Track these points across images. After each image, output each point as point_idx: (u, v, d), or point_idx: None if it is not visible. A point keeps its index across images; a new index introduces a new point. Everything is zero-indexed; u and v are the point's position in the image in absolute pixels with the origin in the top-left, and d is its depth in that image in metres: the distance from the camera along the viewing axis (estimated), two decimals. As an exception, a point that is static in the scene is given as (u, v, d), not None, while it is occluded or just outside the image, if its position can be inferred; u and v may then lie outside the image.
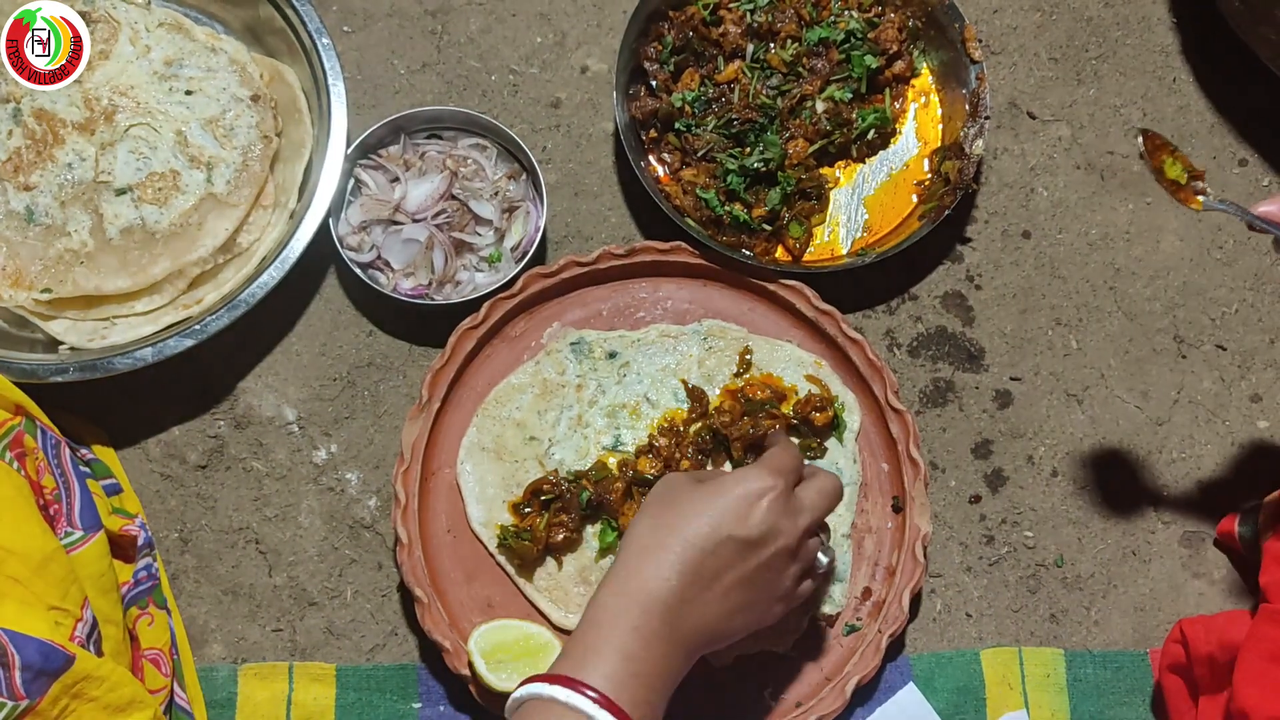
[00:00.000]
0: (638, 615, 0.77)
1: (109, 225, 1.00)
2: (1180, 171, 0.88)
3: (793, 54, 1.08)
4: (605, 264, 1.03)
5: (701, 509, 0.80)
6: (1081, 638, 1.00)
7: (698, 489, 0.82)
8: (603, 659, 0.75)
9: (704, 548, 0.79)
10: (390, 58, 1.12)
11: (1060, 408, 1.06)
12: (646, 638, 0.76)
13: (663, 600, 0.77)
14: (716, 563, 0.79)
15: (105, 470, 0.98)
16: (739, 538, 0.79)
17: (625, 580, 0.79)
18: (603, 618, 0.77)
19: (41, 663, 0.76)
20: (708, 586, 0.79)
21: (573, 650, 0.77)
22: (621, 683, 0.74)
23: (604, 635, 0.76)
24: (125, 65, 1.04)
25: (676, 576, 0.78)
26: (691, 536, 0.79)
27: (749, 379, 1.02)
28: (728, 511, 0.80)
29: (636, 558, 0.79)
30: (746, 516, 0.80)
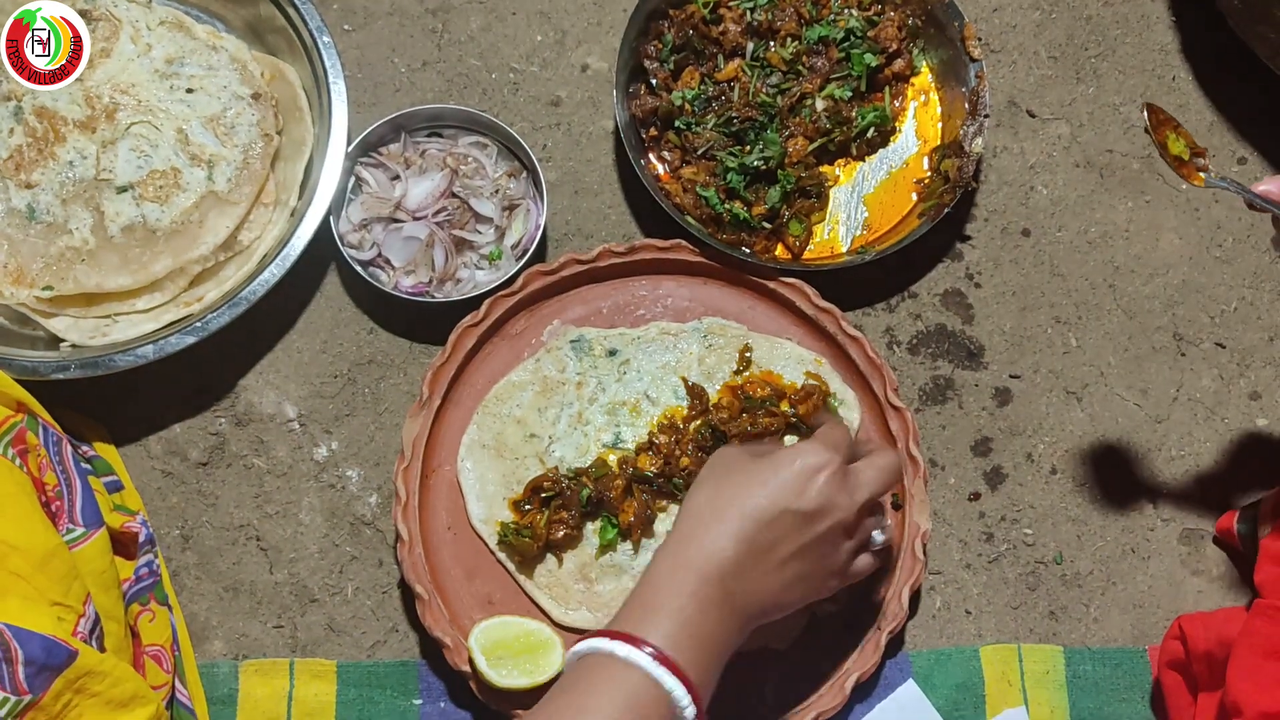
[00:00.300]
0: (695, 581, 0.78)
1: (110, 223, 1.00)
2: (1183, 148, 0.88)
3: (792, 52, 1.08)
4: (605, 262, 1.03)
5: (760, 482, 0.81)
6: (1081, 635, 1.00)
7: (755, 462, 0.83)
8: (661, 619, 0.76)
9: (761, 519, 0.80)
10: (391, 56, 1.12)
11: (1060, 405, 1.06)
12: (703, 603, 0.77)
13: (720, 568, 0.78)
14: (773, 535, 0.80)
15: (107, 467, 0.98)
16: (796, 510, 0.80)
17: (684, 547, 0.80)
18: (661, 581, 0.79)
19: (44, 658, 0.76)
20: (764, 557, 0.80)
21: (630, 611, 0.78)
22: (679, 643, 0.75)
23: (662, 598, 0.78)
24: (126, 63, 1.04)
25: (733, 546, 0.79)
26: (750, 509, 0.80)
27: (749, 376, 1.02)
28: (786, 485, 0.81)
29: (695, 527, 0.81)
30: (804, 490, 0.81)
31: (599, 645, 0.76)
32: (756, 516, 0.80)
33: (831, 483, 0.82)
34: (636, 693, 0.74)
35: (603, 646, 0.75)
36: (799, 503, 0.81)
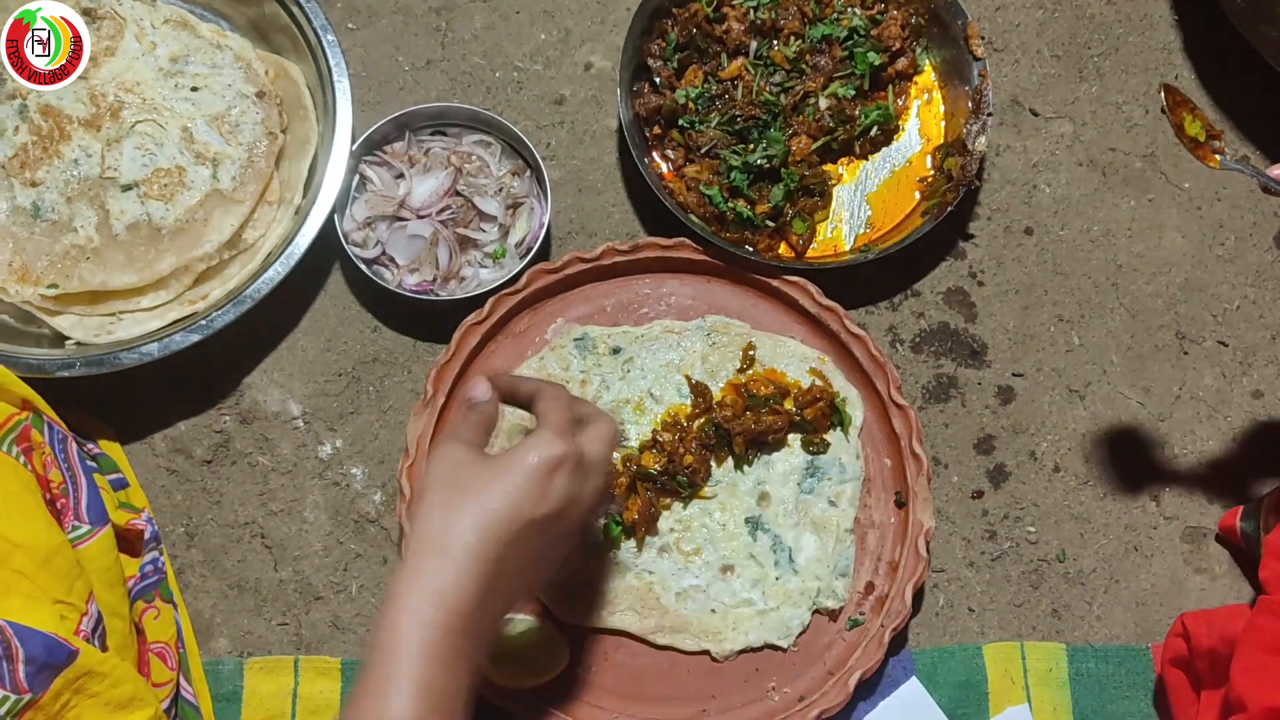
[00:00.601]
0: (437, 641, 0.68)
1: (115, 221, 1.00)
2: (1199, 129, 0.88)
3: (796, 51, 1.08)
4: (609, 260, 1.04)
5: (496, 493, 0.72)
6: (1083, 632, 1.00)
7: (487, 466, 0.74)
8: (402, 699, 0.67)
9: (504, 540, 0.72)
10: (395, 54, 1.12)
11: (1062, 403, 1.06)
12: (447, 662, 0.69)
13: (463, 614, 0.70)
14: (518, 551, 0.73)
15: (112, 465, 0.99)
16: (539, 517, 0.73)
17: (418, 592, 0.69)
18: (398, 646, 0.68)
19: (45, 657, 0.76)
20: (512, 579, 0.73)
21: (368, 687, 0.68)
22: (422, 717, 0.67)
23: (400, 668, 0.67)
24: (131, 62, 1.04)
25: (475, 581, 0.70)
26: (490, 529, 0.71)
27: (752, 374, 1.02)
28: (525, 492, 0.73)
29: (428, 558, 0.71)
30: (545, 494, 0.73)
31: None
32: (500, 537, 0.71)
33: (573, 476, 0.75)
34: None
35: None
36: (542, 508, 0.73)
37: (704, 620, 0.97)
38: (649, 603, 0.97)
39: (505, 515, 0.72)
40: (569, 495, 0.75)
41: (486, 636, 0.73)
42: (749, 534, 0.99)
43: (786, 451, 1.02)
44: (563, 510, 0.75)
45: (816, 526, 1.00)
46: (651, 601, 0.98)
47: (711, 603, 0.98)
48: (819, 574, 0.99)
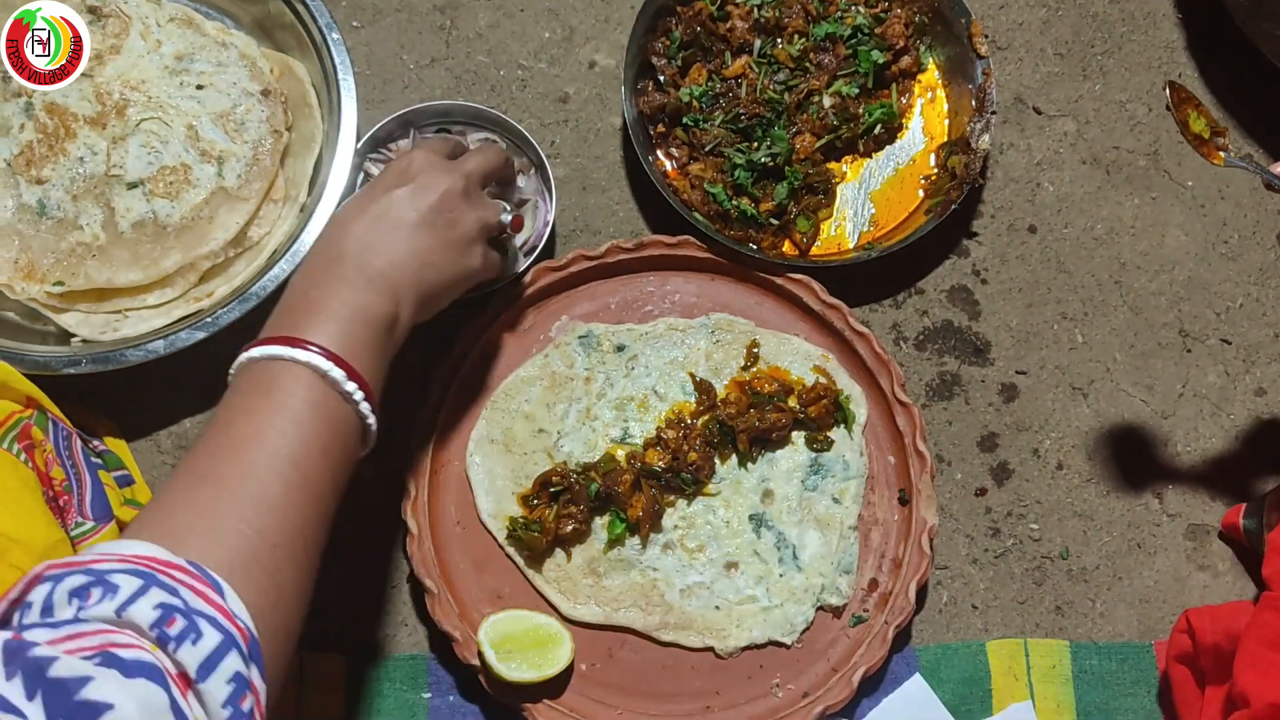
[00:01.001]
0: (334, 270, 0.80)
1: (121, 219, 1.00)
2: (1204, 126, 0.88)
3: (800, 49, 1.09)
4: (613, 258, 1.04)
5: (369, 188, 0.87)
6: (1087, 629, 1.01)
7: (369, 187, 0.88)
8: (314, 318, 0.77)
9: (374, 199, 0.85)
10: (399, 52, 1.13)
11: (1066, 401, 1.06)
12: (339, 290, 0.79)
13: (349, 250, 0.81)
14: (391, 209, 0.84)
15: (117, 462, 0.99)
16: (404, 188, 0.86)
17: (318, 247, 0.84)
18: (301, 282, 0.81)
19: None
20: (392, 230, 0.84)
21: (280, 318, 0.79)
22: (333, 335, 0.76)
23: (307, 298, 0.79)
24: (136, 60, 1.05)
25: (354, 224, 0.83)
26: (362, 199, 0.86)
27: (756, 372, 1.03)
28: (387, 177, 0.87)
29: (326, 231, 0.85)
30: (404, 172, 0.87)
31: (261, 352, 0.76)
32: (367, 197, 0.85)
33: (429, 159, 0.88)
34: (305, 387, 0.74)
35: (267, 352, 0.75)
36: (403, 180, 0.86)
37: (708, 617, 0.97)
38: (653, 599, 0.98)
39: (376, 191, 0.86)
40: (427, 172, 0.87)
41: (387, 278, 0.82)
42: (753, 531, 1.00)
43: (790, 449, 1.02)
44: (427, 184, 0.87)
45: (820, 523, 1.00)
46: (656, 598, 0.98)
47: (715, 599, 0.98)
48: (823, 571, 0.99)
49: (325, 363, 0.74)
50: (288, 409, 0.73)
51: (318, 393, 0.74)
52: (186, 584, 0.60)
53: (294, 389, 0.74)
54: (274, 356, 0.75)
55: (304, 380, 0.74)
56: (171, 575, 0.60)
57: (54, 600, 0.58)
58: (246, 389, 0.75)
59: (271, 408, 0.73)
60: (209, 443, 0.72)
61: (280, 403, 0.73)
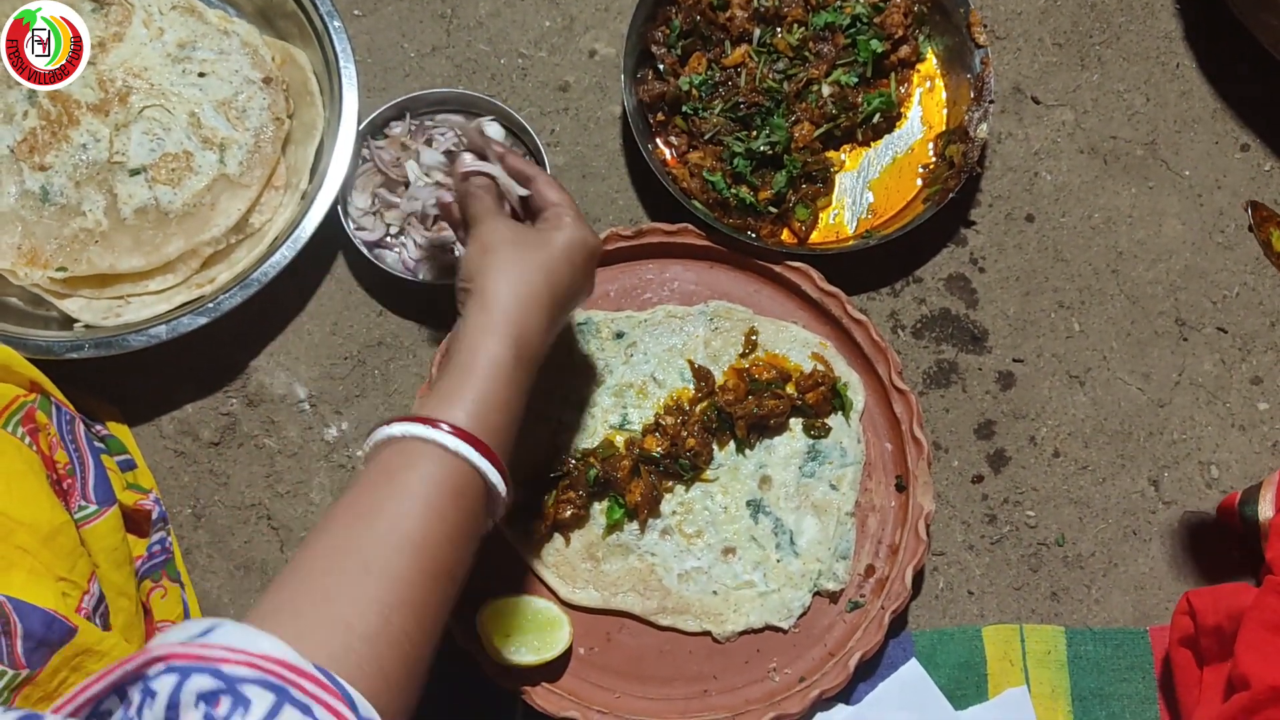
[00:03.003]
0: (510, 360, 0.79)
1: (123, 205, 1.01)
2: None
3: (799, 38, 1.09)
4: (613, 245, 1.04)
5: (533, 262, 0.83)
6: (1082, 615, 1.01)
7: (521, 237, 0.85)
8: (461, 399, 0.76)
9: (561, 306, 0.85)
10: (400, 41, 1.13)
11: (1062, 389, 1.07)
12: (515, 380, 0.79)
13: (532, 346, 0.81)
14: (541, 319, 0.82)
15: (120, 446, 0.99)
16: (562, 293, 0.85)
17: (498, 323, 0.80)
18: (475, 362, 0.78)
19: (44, 633, 0.77)
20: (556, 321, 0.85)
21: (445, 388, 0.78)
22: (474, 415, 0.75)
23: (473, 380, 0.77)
24: (139, 47, 1.05)
25: (544, 316, 0.82)
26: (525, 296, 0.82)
27: (754, 359, 1.03)
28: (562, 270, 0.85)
29: (510, 302, 0.81)
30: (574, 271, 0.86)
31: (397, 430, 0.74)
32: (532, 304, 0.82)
33: (592, 262, 0.88)
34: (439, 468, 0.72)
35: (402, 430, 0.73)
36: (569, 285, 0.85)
37: (705, 602, 0.98)
38: (651, 584, 0.98)
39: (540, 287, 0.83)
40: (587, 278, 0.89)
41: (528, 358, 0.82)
42: (750, 517, 1.00)
43: (788, 435, 1.02)
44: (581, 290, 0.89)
45: (817, 509, 1.01)
46: (654, 583, 0.98)
47: (713, 584, 0.99)
48: (820, 556, 0.99)
49: (456, 441, 0.73)
50: (414, 489, 0.71)
51: (446, 470, 0.72)
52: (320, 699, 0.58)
53: (423, 468, 0.72)
54: (406, 435, 0.73)
55: (434, 459, 0.72)
56: (304, 689, 0.58)
57: (180, 699, 0.56)
58: (376, 468, 0.73)
59: (398, 487, 0.71)
60: (337, 520, 0.70)
61: (406, 483, 0.71)
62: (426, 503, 0.70)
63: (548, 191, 0.90)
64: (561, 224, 0.87)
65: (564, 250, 0.85)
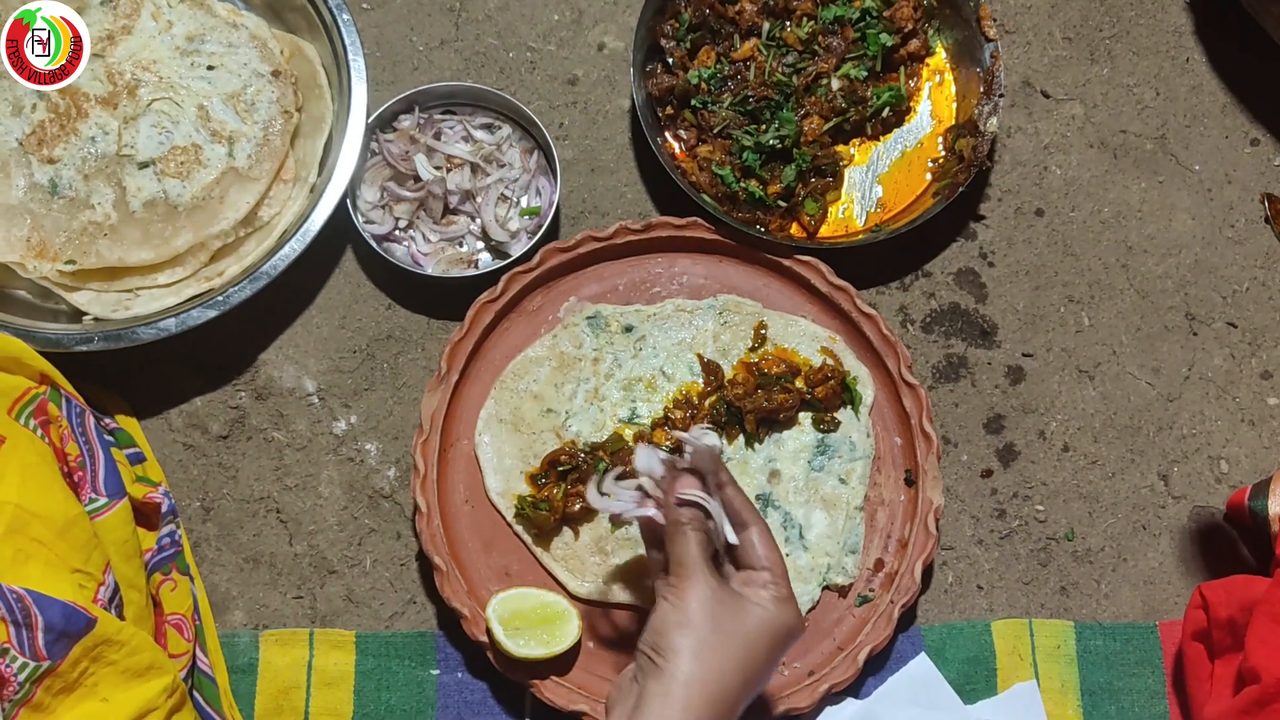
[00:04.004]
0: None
1: (132, 198, 1.01)
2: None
3: (808, 32, 1.09)
4: (622, 239, 1.04)
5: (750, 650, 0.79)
6: (1091, 610, 1.01)
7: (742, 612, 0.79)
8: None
9: (730, 702, 0.77)
10: (409, 34, 1.13)
11: (1072, 384, 1.07)
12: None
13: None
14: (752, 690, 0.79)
15: (129, 439, 0.99)
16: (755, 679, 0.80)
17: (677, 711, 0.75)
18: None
19: (64, 624, 0.77)
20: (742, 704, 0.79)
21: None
22: None
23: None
24: (148, 40, 1.05)
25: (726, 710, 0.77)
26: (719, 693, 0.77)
27: (764, 353, 1.03)
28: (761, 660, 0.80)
29: (705, 705, 0.76)
30: (772, 659, 0.81)
31: None
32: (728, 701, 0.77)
33: (791, 646, 0.82)
34: None
35: None
36: (766, 673, 0.81)
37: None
38: (660, 578, 0.98)
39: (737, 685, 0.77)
40: (778, 659, 0.82)
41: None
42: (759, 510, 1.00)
43: (797, 429, 1.02)
44: (772, 671, 0.82)
45: (826, 504, 1.01)
46: (663, 577, 0.98)
47: (722, 578, 0.99)
48: (829, 550, 0.99)
49: None
50: None
51: None
52: None
53: None
54: None
55: None
56: None
57: None
58: None
59: None
60: None
61: None
62: None
63: (761, 550, 0.82)
64: (768, 602, 0.80)
65: (768, 636, 0.79)
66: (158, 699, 0.82)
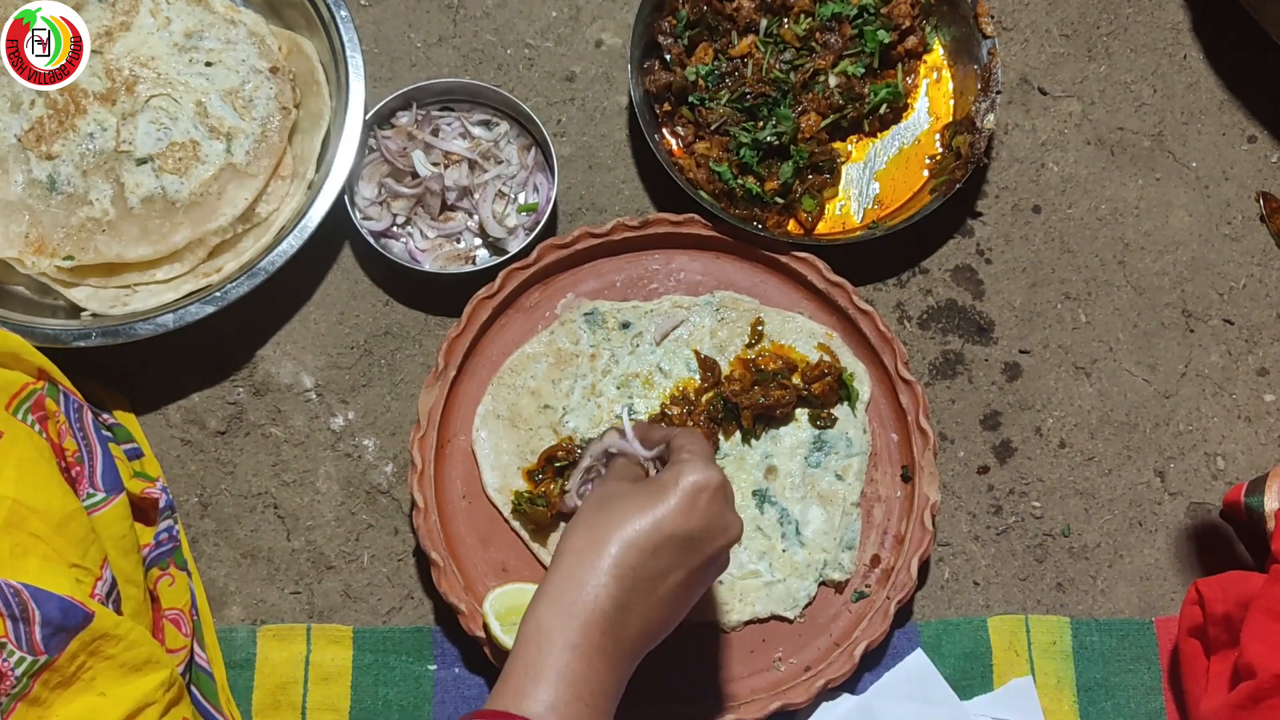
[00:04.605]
0: (576, 631, 0.72)
1: (130, 194, 1.01)
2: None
3: (806, 28, 1.09)
4: (619, 235, 1.04)
5: (640, 508, 0.76)
6: (1087, 606, 1.01)
7: (635, 487, 0.78)
8: (543, 685, 0.70)
9: (644, 547, 0.74)
10: (407, 31, 1.13)
11: (1069, 380, 1.07)
12: (588, 654, 0.72)
13: (603, 611, 0.73)
14: (659, 564, 0.75)
15: (127, 435, 1.00)
16: (682, 534, 0.75)
17: (561, 591, 0.74)
18: (540, 637, 0.72)
19: (61, 619, 0.77)
20: (651, 590, 0.75)
21: (511, 675, 0.72)
22: (563, 709, 0.70)
23: (543, 657, 0.71)
24: (146, 37, 1.05)
25: (616, 583, 0.73)
26: (630, 536, 0.74)
27: (760, 349, 1.03)
28: (670, 508, 0.76)
29: (574, 567, 0.74)
30: (689, 511, 0.76)
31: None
32: (639, 544, 0.74)
33: (717, 500, 0.77)
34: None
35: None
36: (685, 525, 0.75)
37: (711, 591, 0.98)
38: (657, 574, 0.98)
39: (648, 523, 0.75)
40: (715, 519, 0.77)
41: (629, 645, 0.75)
42: (756, 506, 1.00)
43: (794, 425, 1.03)
44: (709, 532, 0.77)
45: (823, 500, 1.01)
46: (659, 572, 0.98)
47: (719, 574, 0.99)
48: (825, 546, 1.00)
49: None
50: None
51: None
52: None
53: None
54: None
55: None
56: None
57: None
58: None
59: None
60: None
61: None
62: None
63: (675, 437, 0.82)
64: (679, 462, 0.78)
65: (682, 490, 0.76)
66: (155, 693, 0.82)
